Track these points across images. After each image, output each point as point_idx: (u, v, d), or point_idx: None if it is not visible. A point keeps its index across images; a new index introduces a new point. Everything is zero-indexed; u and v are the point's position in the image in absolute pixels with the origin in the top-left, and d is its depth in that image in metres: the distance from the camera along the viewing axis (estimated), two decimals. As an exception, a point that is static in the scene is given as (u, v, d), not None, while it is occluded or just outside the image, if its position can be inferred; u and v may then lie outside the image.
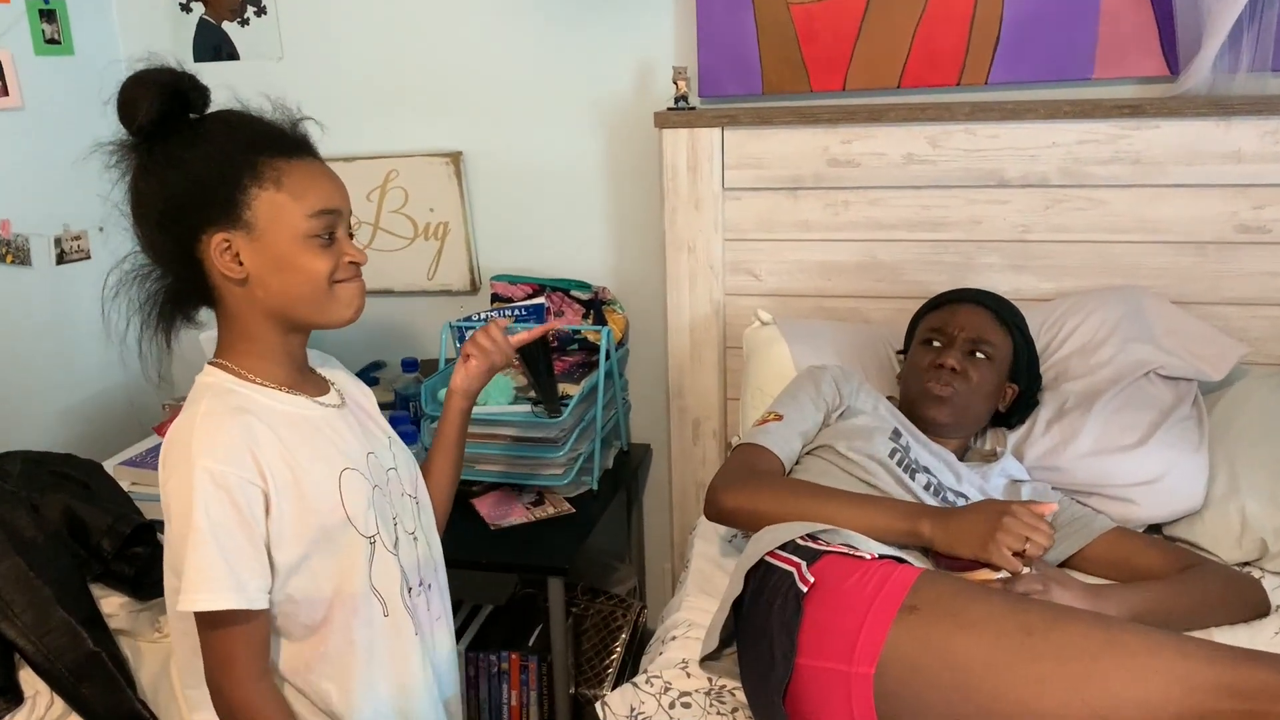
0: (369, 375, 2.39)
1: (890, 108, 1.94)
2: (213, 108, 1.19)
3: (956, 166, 1.95)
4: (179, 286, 1.21)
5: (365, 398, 1.42)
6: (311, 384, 1.29)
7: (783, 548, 1.32)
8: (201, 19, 2.34)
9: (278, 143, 1.18)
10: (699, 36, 2.06)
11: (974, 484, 1.62)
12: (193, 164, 1.14)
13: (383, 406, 2.31)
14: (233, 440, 1.14)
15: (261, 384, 1.21)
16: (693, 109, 2.04)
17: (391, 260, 2.39)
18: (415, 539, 1.36)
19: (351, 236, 1.26)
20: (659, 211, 2.12)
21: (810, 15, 2.00)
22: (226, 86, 1.28)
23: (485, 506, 2.01)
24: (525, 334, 1.55)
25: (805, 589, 1.23)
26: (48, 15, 2.19)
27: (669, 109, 2.04)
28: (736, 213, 2.07)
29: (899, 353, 1.89)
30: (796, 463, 1.62)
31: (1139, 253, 1.93)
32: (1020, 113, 1.89)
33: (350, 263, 1.23)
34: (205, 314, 1.26)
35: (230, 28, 2.33)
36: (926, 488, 1.55)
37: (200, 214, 1.15)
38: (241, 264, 1.17)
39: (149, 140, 1.15)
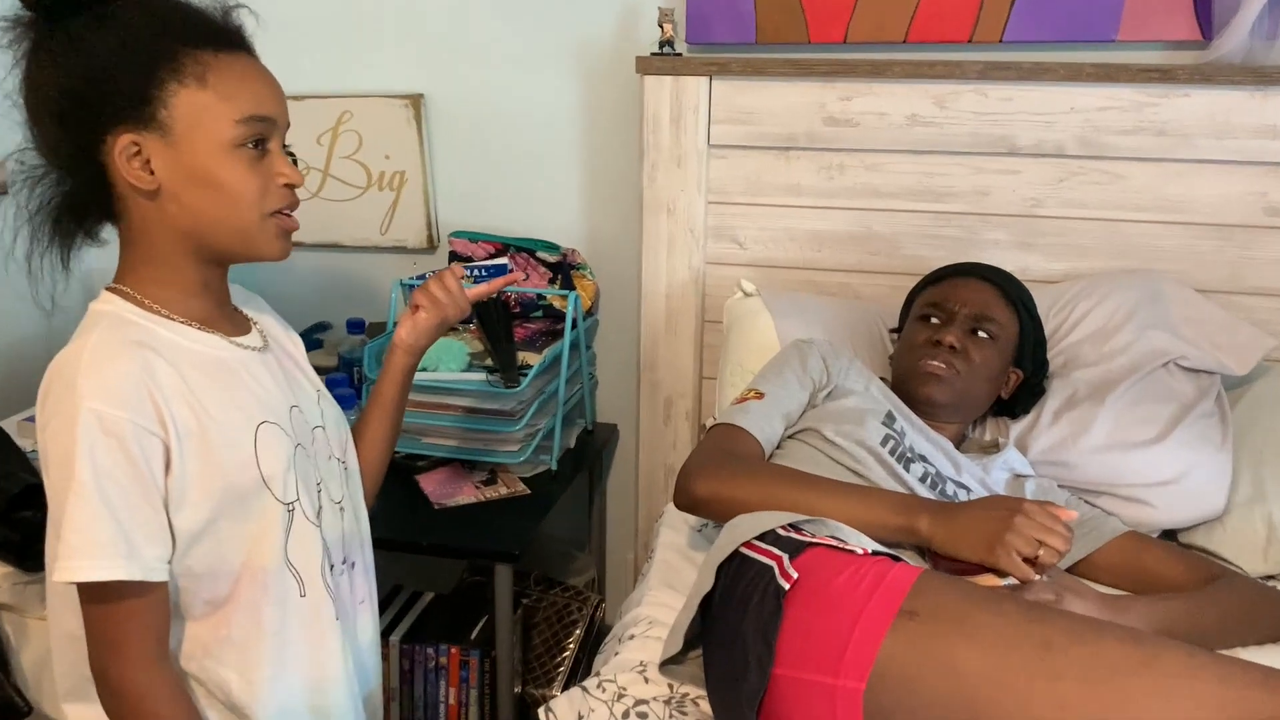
0: (312, 337, 2.20)
1: (895, 63, 1.77)
2: None
3: (964, 131, 1.78)
4: (78, 194, 1.04)
5: (294, 344, 1.25)
6: (229, 322, 1.12)
7: (761, 538, 1.16)
8: (143, -64, 2.13)
9: (205, 32, 1.01)
10: (689, -24, 1.88)
11: (974, 476, 1.46)
12: (100, 49, 0.97)
13: (325, 371, 2.13)
14: (127, 379, 0.97)
15: (168, 316, 1.05)
16: (679, 55, 1.86)
17: (341, 211, 2.19)
18: (341, 509, 1.20)
19: (290, 157, 1.10)
20: (637, 168, 1.94)
21: (812, -42, 1.82)
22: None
23: (431, 484, 1.83)
24: (484, 286, 1.37)
25: (787, 586, 1.06)
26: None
27: (653, 54, 1.86)
28: (722, 172, 1.90)
29: (893, 331, 1.72)
30: (778, 447, 1.45)
31: (1157, 234, 1.78)
32: (1037, 73, 1.73)
33: (285, 185, 1.07)
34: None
35: (174, -53, 2.12)
36: (923, 479, 1.38)
37: (106, 110, 0.98)
38: (153, 173, 1.00)
39: (50, 18, 0.98)
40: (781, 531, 1.15)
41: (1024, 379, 1.59)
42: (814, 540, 1.13)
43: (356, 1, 2.10)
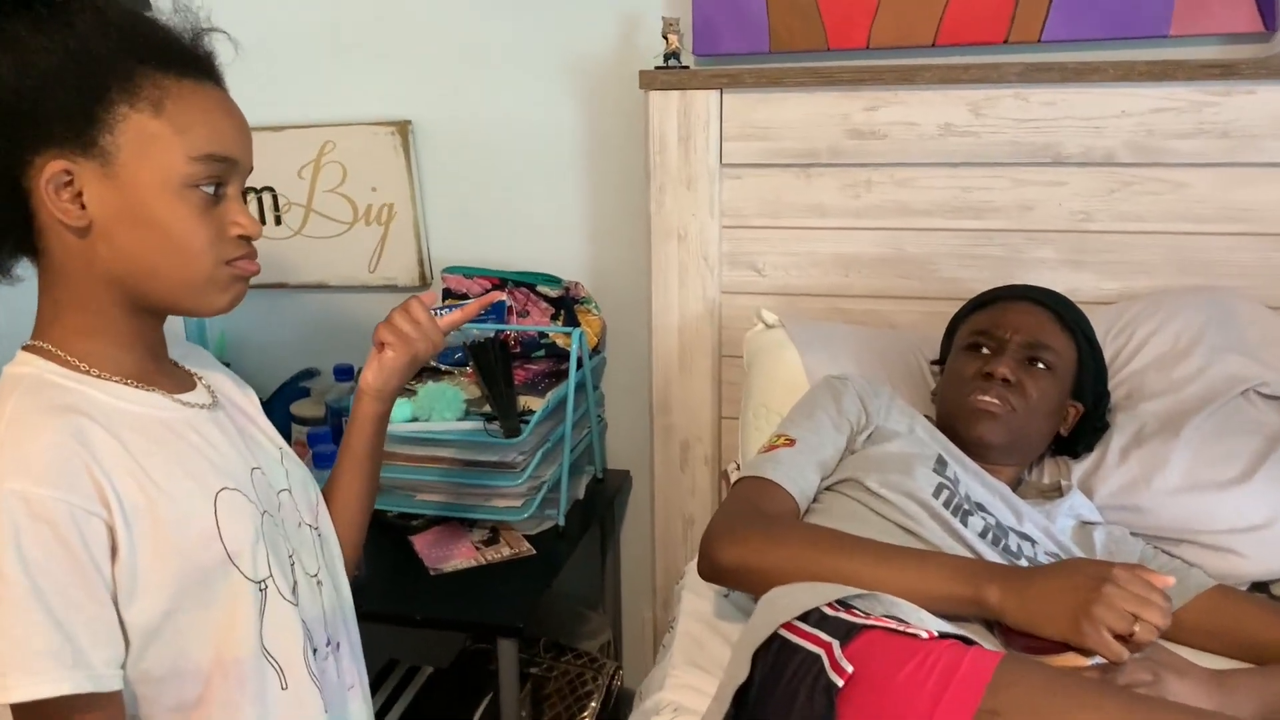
0: (298, 385, 2.04)
1: (924, 68, 1.61)
2: None
3: (1003, 139, 1.62)
4: None
5: (248, 400, 1.10)
6: (169, 378, 0.97)
7: (804, 618, 0.99)
8: (107, -39, 1.99)
9: (169, 54, 0.88)
10: (694, -18, 1.72)
11: (1037, 524, 1.29)
12: (40, 55, 0.84)
13: (312, 422, 1.98)
14: (57, 450, 0.82)
15: (98, 375, 0.89)
16: (685, 68, 1.70)
17: (326, 249, 2.04)
18: (319, 583, 1.04)
19: (246, 201, 0.97)
20: (643, 192, 1.78)
21: (828, -42, 1.67)
22: None
23: (426, 545, 1.65)
24: (457, 314, 1.21)
25: (840, 682, 0.90)
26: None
27: (657, 68, 1.70)
28: (736, 194, 1.73)
29: (934, 364, 1.55)
30: (814, 501, 1.28)
31: (1224, 246, 1.60)
32: (1084, 74, 1.56)
33: (240, 236, 0.92)
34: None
35: (141, -28, 1.98)
36: (983, 535, 1.20)
37: (38, 127, 0.84)
38: (84, 206, 0.86)
39: None
40: (828, 610, 0.98)
41: (1085, 413, 1.42)
42: (868, 622, 0.96)
43: (335, 23, 1.95)
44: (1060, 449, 1.46)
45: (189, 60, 0.90)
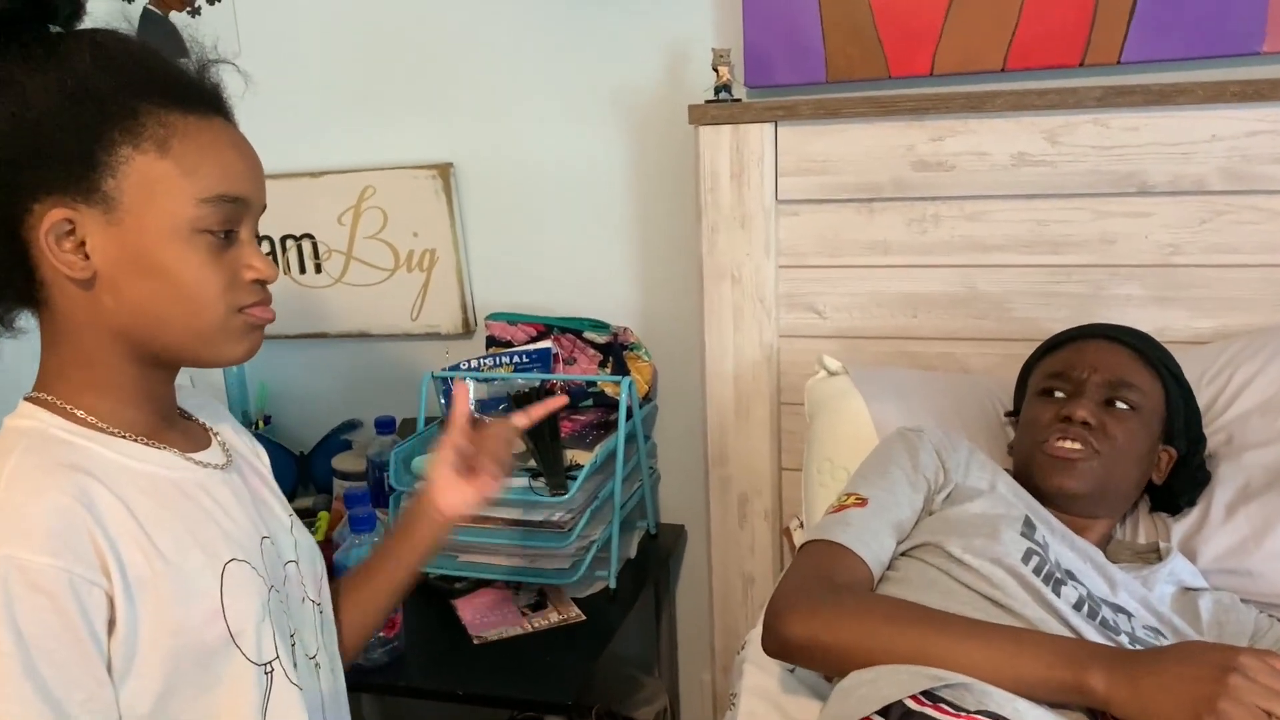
0: (339, 438, 1.97)
1: (995, 94, 1.50)
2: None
3: (1082, 169, 1.50)
4: None
5: (259, 458, 1.04)
6: (181, 434, 0.92)
7: (884, 712, 0.86)
8: (146, 9, 1.96)
9: (174, 89, 0.83)
10: (745, 11, 1.64)
11: (1134, 595, 1.15)
12: (36, 96, 0.78)
13: (352, 476, 1.90)
14: (59, 515, 0.77)
15: (106, 430, 0.84)
16: (737, 101, 1.62)
17: (367, 296, 1.97)
18: (318, 666, 0.97)
19: (261, 243, 0.90)
20: (694, 231, 1.69)
21: (887, -19, 1.57)
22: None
23: (470, 611, 1.56)
24: (533, 413, 1.16)
25: None
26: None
27: (707, 101, 1.61)
28: (793, 232, 1.63)
29: (1009, 415, 1.44)
30: (889, 568, 1.16)
31: (1331, 279, 1.47)
32: (1170, 96, 1.44)
33: (255, 280, 0.87)
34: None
35: (179, 19, 1.95)
36: (1078, 606, 1.07)
37: (36, 173, 0.80)
38: (88, 256, 0.81)
39: None
40: (913, 704, 0.87)
41: (1180, 459, 1.29)
42: (961, 715, 0.84)
43: (373, 66, 1.90)
44: (1157, 503, 1.33)
45: (195, 94, 0.85)
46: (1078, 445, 1.21)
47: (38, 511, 0.76)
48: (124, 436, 0.85)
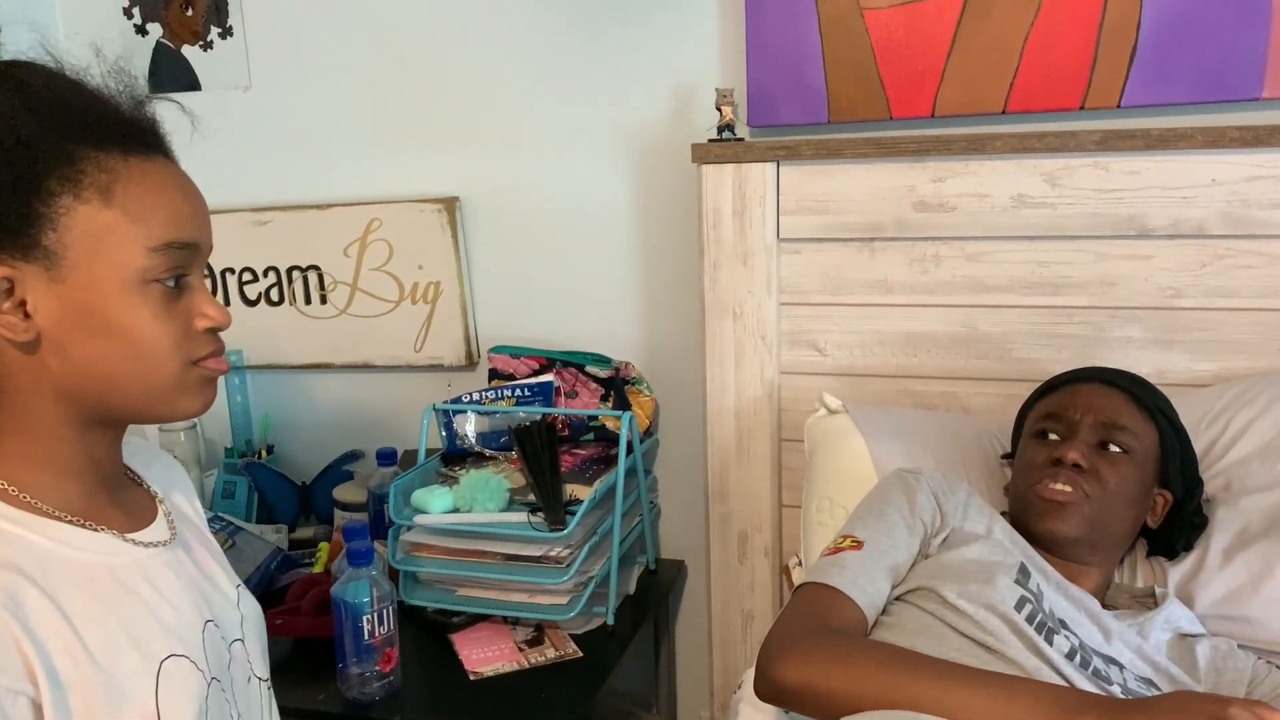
0: (340, 469, 1.97)
1: (995, 136, 1.51)
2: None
3: (1083, 211, 1.51)
4: None
5: (198, 516, 0.98)
6: (121, 509, 0.86)
7: (877, 758, 0.86)
8: (159, 43, 1.99)
9: (109, 129, 0.77)
10: (748, 51, 1.65)
11: (1129, 645, 1.15)
12: None
13: (354, 508, 1.90)
14: None
15: (44, 512, 0.79)
16: (740, 140, 1.63)
17: (372, 328, 1.98)
18: None
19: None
20: (697, 268, 1.70)
21: (890, 24, 1.59)
22: (186, 119, 0.88)
23: (468, 645, 1.56)
24: None
25: None
26: (-31, 32, 1.84)
27: (710, 140, 1.63)
28: (795, 269, 1.64)
29: (1005, 458, 1.44)
30: (883, 613, 1.15)
31: (1331, 324, 1.46)
32: (1170, 141, 1.45)
33: (208, 329, 0.82)
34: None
35: (191, 53, 1.97)
36: (1070, 656, 1.07)
37: None
38: (29, 316, 0.75)
39: None
40: (905, 752, 0.86)
41: (1176, 503, 1.29)
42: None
43: (381, 100, 1.92)
44: (1155, 547, 1.32)
45: (133, 134, 0.79)
46: (1069, 488, 1.21)
47: None
48: (59, 519, 0.79)
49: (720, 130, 1.62)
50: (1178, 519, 1.30)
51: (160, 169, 0.80)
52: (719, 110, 1.62)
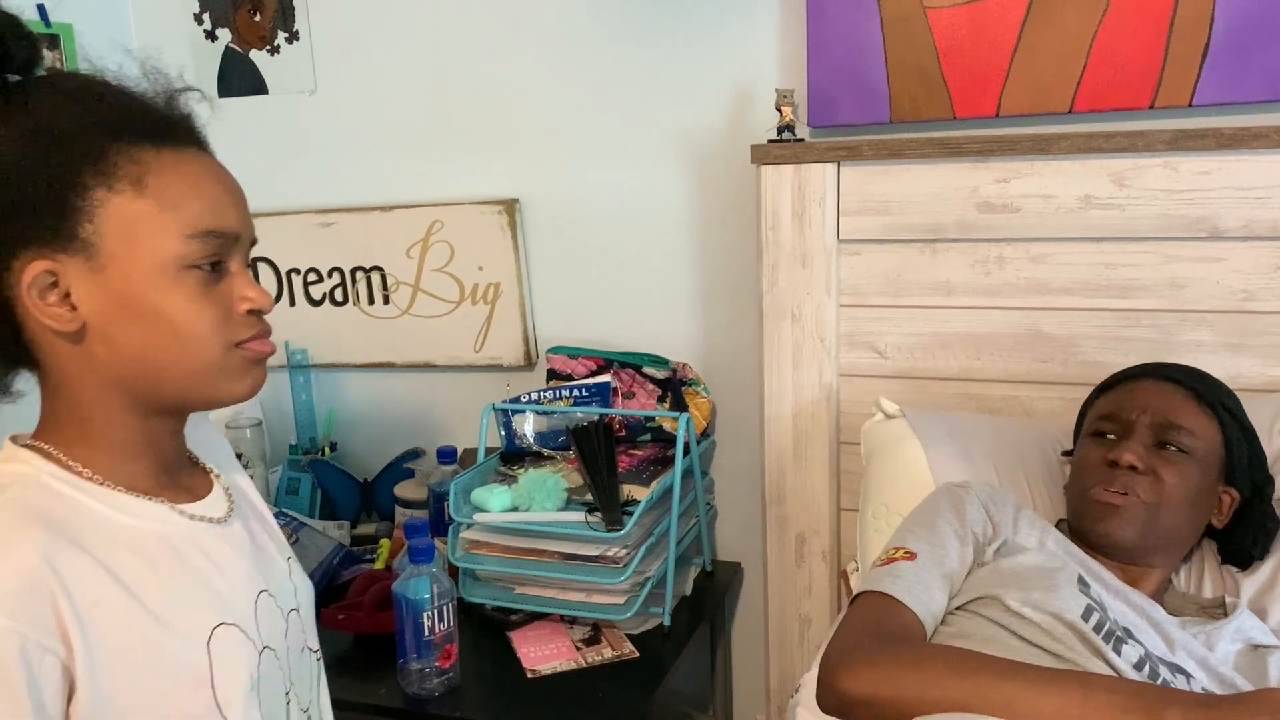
0: (402, 466, 2.00)
1: (1062, 136, 1.48)
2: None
3: (1152, 212, 1.48)
4: None
5: (252, 491, 1.00)
6: (182, 488, 0.88)
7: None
8: (228, 48, 2.03)
9: (141, 122, 0.79)
10: (809, 52, 1.64)
11: (1193, 654, 1.12)
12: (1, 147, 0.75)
13: (415, 505, 1.92)
14: (23, 577, 0.72)
15: (100, 482, 0.81)
16: (800, 140, 1.62)
17: (433, 328, 2.01)
18: (309, 718, 0.95)
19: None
20: (755, 269, 1.69)
21: (954, 23, 1.57)
22: (253, 122, 0.88)
23: (525, 643, 1.57)
24: None
25: None
26: (49, 41, 1.90)
27: (770, 141, 1.62)
28: (855, 271, 1.63)
29: (1065, 454, 1.41)
30: (941, 624, 1.14)
31: None
32: (1243, 140, 1.41)
33: (250, 311, 0.84)
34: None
35: (259, 57, 2.01)
36: (1139, 666, 1.04)
37: (8, 228, 0.76)
38: (74, 307, 0.78)
39: None
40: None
41: (1243, 501, 1.25)
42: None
43: (443, 104, 1.94)
44: (1227, 555, 1.29)
45: (165, 127, 0.80)
46: (1123, 492, 1.19)
47: (3, 570, 0.72)
48: (118, 488, 0.81)
49: (780, 131, 1.62)
50: (1247, 519, 1.27)
51: (193, 159, 0.81)
52: (779, 111, 1.61)
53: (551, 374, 1.89)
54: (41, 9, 1.89)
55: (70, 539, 0.76)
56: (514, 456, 1.78)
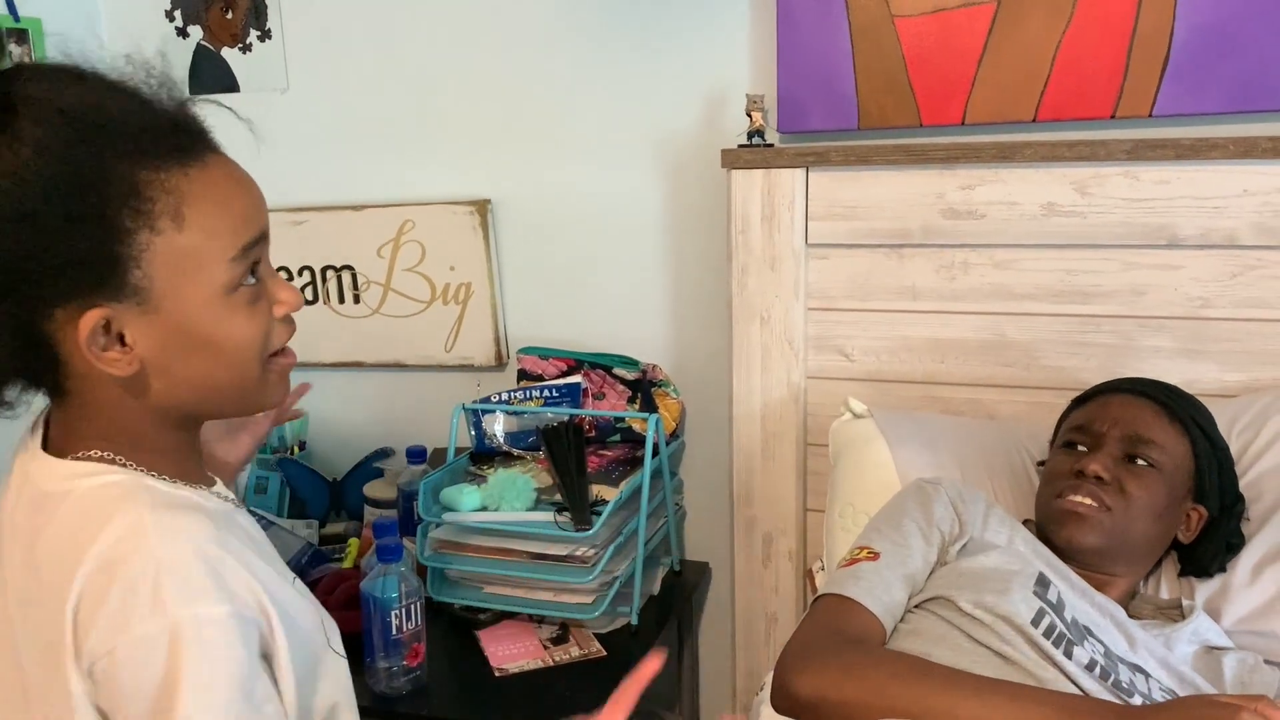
0: (371, 466, 2.00)
1: (1025, 145, 1.51)
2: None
3: (1112, 220, 1.51)
4: None
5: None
6: (205, 478, 0.92)
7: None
8: (199, 45, 2.02)
9: (163, 141, 0.75)
10: (779, 58, 1.66)
11: (1154, 654, 1.14)
12: (18, 191, 0.71)
13: (384, 505, 1.92)
14: (206, 561, 0.75)
15: (170, 480, 0.83)
16: (770, 146, 1.64)
17: (403, 327, 2.01)
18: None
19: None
20: (725, 273, 1.71)
21: (921, 32, 1.59)
22: (220, 122, 0.87)
23: (493, 642, 1.58)
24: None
25: None
26: (17, 35, 1.88)
27: (740, 146, 1.64)
28: (823, 275, 1.65)
29: (1039, 464, 1.43)
30: (901, 620, 1.16)
31: (1363, 336, 1.45)
32: (1201, 150, 1.45)
33: (284, 315, 0.87)
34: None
35: (231, 55, 2.01)
36: (1090, 668, 1.07)
37: (54, 284, 0.73)
38: (130, 348, 0.77)
39: None
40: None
41: (1210, 519, 1.28)
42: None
43: (416, 103, 1.95)
44: (1187, 567, 1.31)
45: (185, 141, 0.77)
46: (1089, 501, 1.21)
47: (193, 557, 0.75)
48: (172, 481, 0.83)
49: (750, 136, 1.64)
50: (1213, 536, 1.29)
51: (215, 170, 0.79)
52: (749, 116, 1.63)
53: (522, 374, 1.90)
54: (9, 2, 1.87)
55: (201, 511, 0.80)
56: (484, 456, 1.79)
